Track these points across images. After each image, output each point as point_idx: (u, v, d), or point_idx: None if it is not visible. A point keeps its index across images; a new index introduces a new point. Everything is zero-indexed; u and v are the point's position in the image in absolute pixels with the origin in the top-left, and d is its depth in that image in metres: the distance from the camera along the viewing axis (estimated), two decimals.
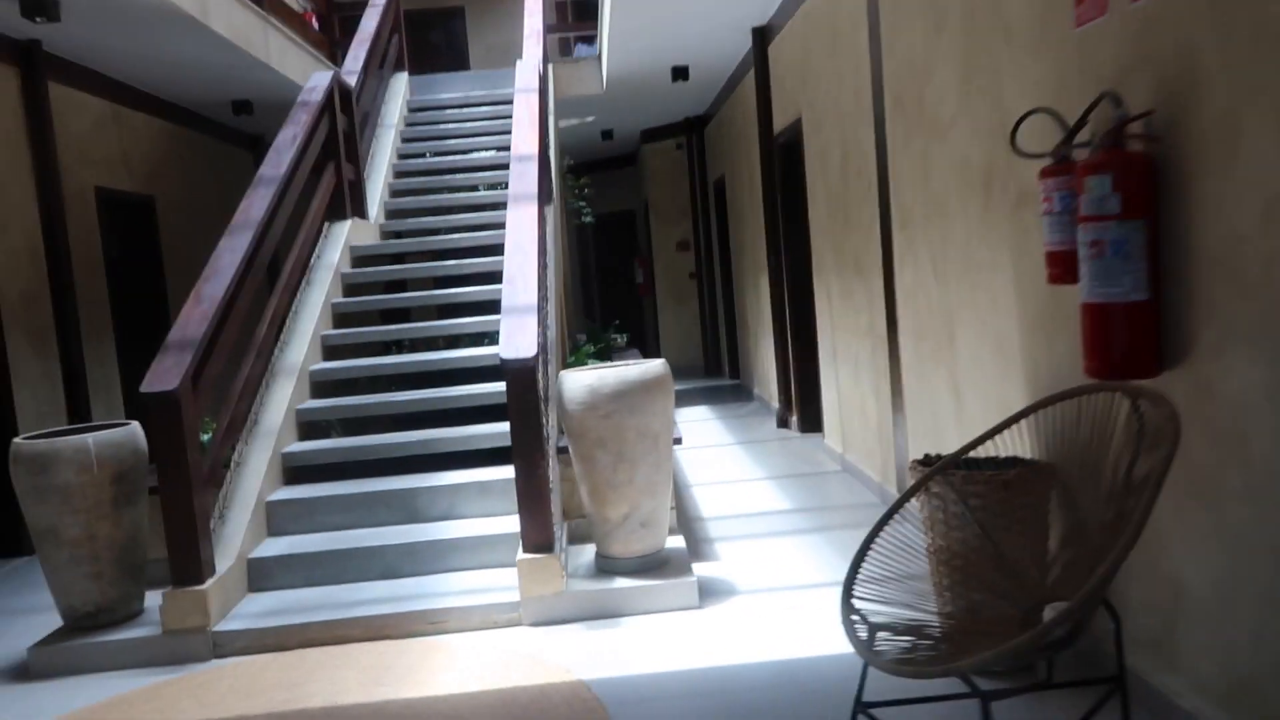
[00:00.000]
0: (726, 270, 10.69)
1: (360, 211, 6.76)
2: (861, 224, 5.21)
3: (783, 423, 7.73)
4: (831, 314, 6.09)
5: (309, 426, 5.10)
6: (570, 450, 4.03)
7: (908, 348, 4.57)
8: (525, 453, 3.78)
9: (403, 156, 8.17)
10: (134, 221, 7.62)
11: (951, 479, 2.87)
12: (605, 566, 4.02)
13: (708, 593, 3.99)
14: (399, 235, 7.16)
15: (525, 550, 3.83)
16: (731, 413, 8.96)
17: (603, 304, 15.22)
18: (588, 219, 8.86)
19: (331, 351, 5.64)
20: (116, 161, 7.28)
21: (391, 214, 7.40)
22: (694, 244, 11.99)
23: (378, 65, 8.06)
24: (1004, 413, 3.51)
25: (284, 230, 5.39)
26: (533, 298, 4.08)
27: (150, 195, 7.75)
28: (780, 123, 7.15)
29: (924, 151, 4.15)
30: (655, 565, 4.01)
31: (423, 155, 8.20)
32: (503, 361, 3.75)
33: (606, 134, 11.95)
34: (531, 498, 3.80)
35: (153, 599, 4.04)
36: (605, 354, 8.35)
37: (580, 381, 3.87)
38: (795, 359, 7.37)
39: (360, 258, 6.45)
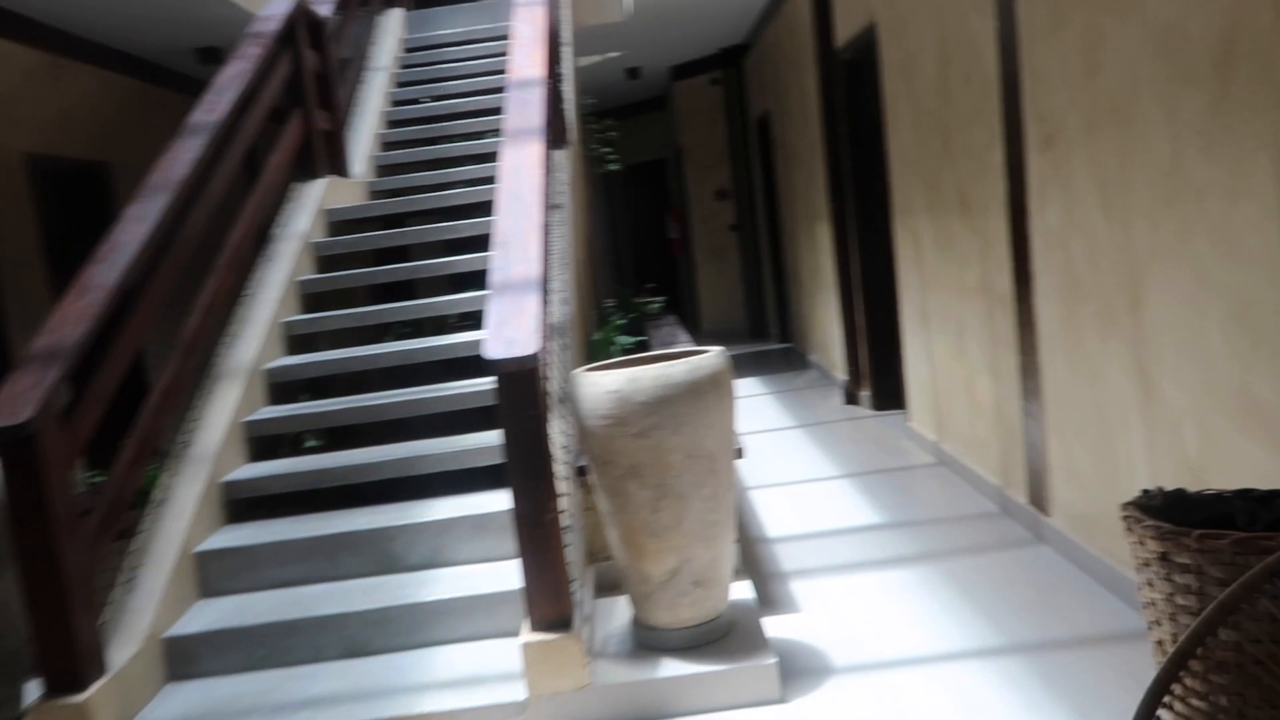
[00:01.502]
0: (773, 220, 9.41)
1: (339, 168, 5.59)
2: (971, 148, 3.95)
3: (850, 398, 6.51)
4: (921, 266, 4.84)
5: (265, 443, 3.99)
6: (593, 479, 2.88)
7: (1051, 312, 3.34)
8: (527, 492, 2.63)
9: (396, 103, 6.98)
10: (81, 193, 6.52)
11: None
12: (646, 640, 2.88)
13: (792, 672, 2.84)
14: (392, 194, 6.00)
15: (533, 627, 2.70)
16: (785, 384, 7.75)
17: (634, 265, 13.99)
18: (613, 166, 7.64)
19: (298, 343, 4.52)
20: (54, 123, 6.17)
21: (383, 170, 6.24)
22: (734, 192, 10.71)
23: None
24: (1238, 410, 2.29)
25: (227, 193, 4.25)
26: (534, 268, 2.90)
27: (101, 162, 6.65)
28: (845, 34, 5.85)
29: (1090, 31, 2.88)
30: (715, 636, 2.86)
31: (420, 101, 7.01)
32: (489, 362, 2.58)
33: (632, 73, 10.65)
34: (538, 555, 2.66)
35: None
36: (638, 325, 7.17)
37: (603, 386, 2.70)
38: (866, 322, 6.14)
39: (339, 223, 5.30)
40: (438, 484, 3.67)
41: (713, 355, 2.77)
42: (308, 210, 5.03)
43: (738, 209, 10.71)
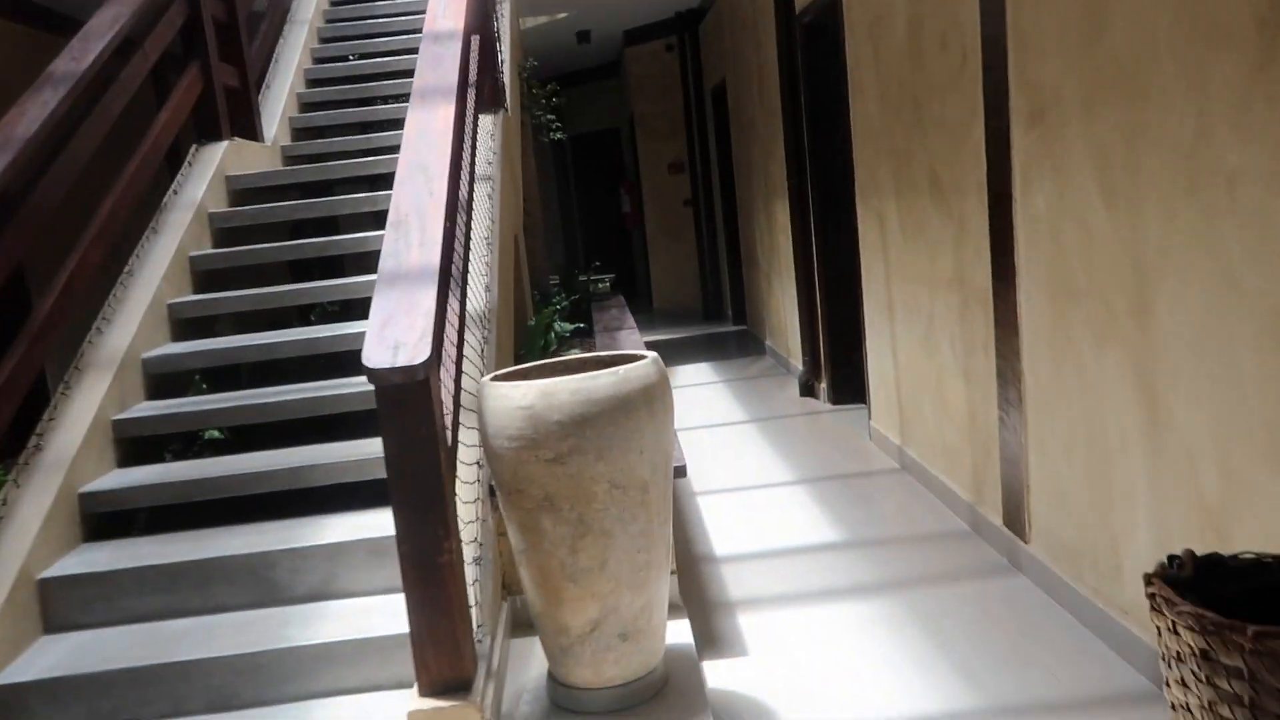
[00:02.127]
0: (729, 195, 8.96)
1: (247, 129, 5.03)
2: (946, 121, 3.51)
3: (807, 389, 6.11)
4: (886, 252, 4.42)
5: (141, 445, 3.47)
6: (501, 509, 2.41)
7: (1036, 312, 2.93)
8: (416, 528, 2.16)
9: (320, 61, 6.39)
10: None
11: None
12: (564, 701, 2.43)
13: None
14: (312, 160, 5.43)
15: (423, 691, 2.24)
16: (739, 371, 7.33)
17: (585, 240, 13.48)
18: (557, 135, 7.11)
19: (189, 328, 3.99)
20: None
21: (301, 133, 5.67)
22: (689, 165, 10.23)
23: None
24: (1270, 446, 1.89)
25: (100, 156, 3.70)
26: (433, 253, 2.41)
27: None
28: None
29: None
30: (645, 696, 2.42)
31: (347, 59, 6.42)
32: (369, 372, 2.10)
33: (583, 36, 10.09)
34: (430, 604, 2.19)
35: None
36: (581, 308, 6.69)
37: (512, 400, 2.24)
38: (826, 309, 5.72)
39: (244, 192, 4.74)
40: (340, 497, 3.19)
41: (645, 364, 2.32)
42: (205, 177, 4.47)
43: (693, 183, 10.23)
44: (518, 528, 2.34)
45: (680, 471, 2.87)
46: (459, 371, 2.69)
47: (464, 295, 2.97)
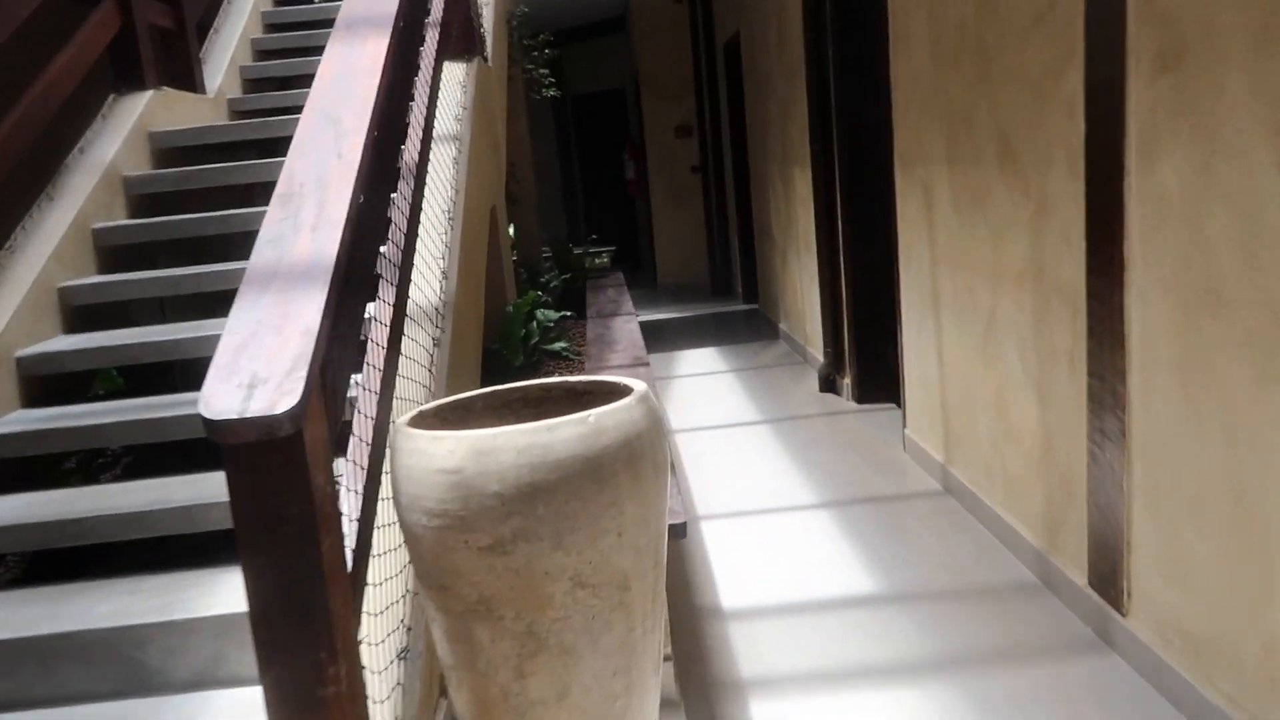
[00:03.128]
0: (741, 161, 8.19)
1: (180, 78, 4.29)
2: (1025, 72, 2.77)
3: (828, 384, 5.39)
4: (933, 232, 3.69)
5: (8, 467, 2.78)
6: (424, 604, 1.72)
7: (1158, 321, 2.20)
8: (282, 657, 1.46)
9: (281, 2, 5.65)
10: None
11: None
12: None
13: None
14: (263, 115, 4.69)
15: None
16: (749, 359, 6.62)
17: (587, 209, 12.71)
18: (550, 92, 6.35)
19: (86, 316, 3.28)
20: None
21: (253, 84, 4.94)
22: (698, 128, 9.44)
23: None
24: None
25: None
26: (327, 243, 1.69)
27: None
28: None
29: None
30: None
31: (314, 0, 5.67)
32: (206, 425, 1.39)
33: None
34: None
35: None
36: (577, 286, 5.97)
37: (433, 459, 1.53)
38: (852, 293, 4.99)
39: (172, 151, 4.02)
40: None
41: (628, 406, 1.61)
42: (121, 133, 3.75)
43: (702, 148, 9.46)
44: (444, 636, 1.64)
45: (679, 531, 2.18)
46: (385, 401, 1.98)
47: (401, 293, 2.25)
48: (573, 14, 10.96)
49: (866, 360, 5.00)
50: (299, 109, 4.45)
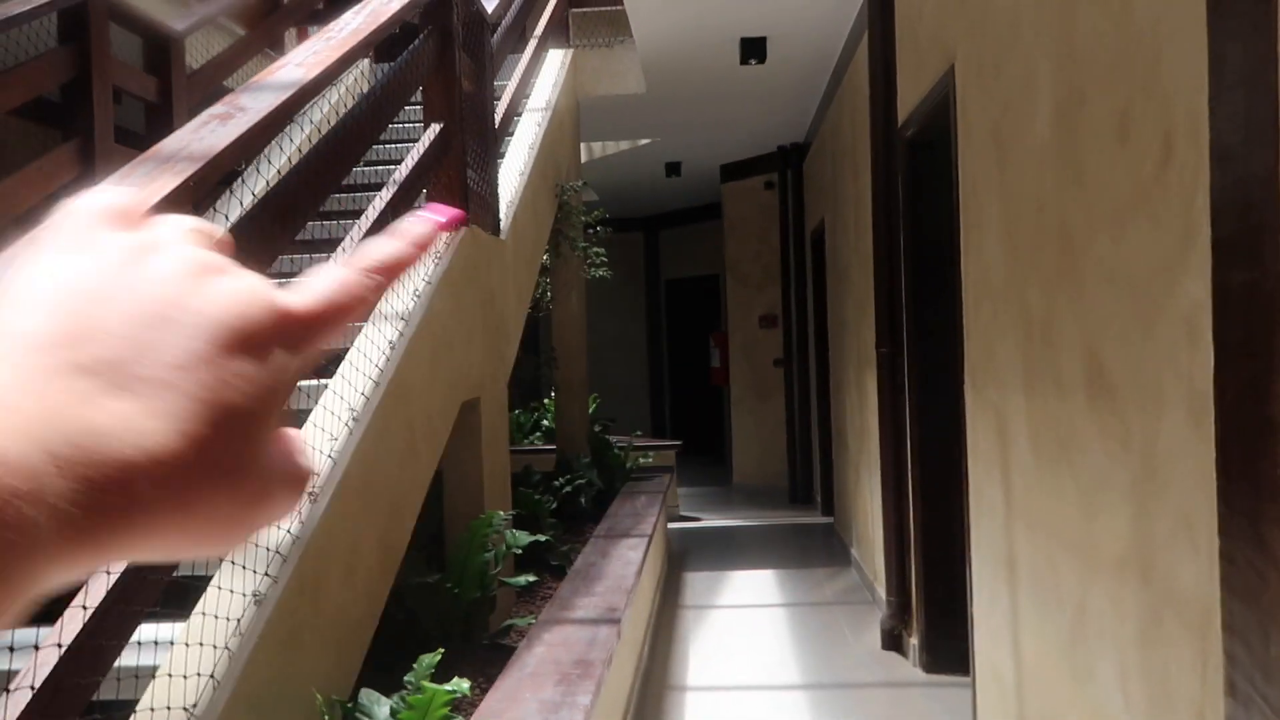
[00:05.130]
0: (825, 356, 7.40)
1: None
2: (1124, 267, 1.92)
3: (893, 640, 4.33)
4: (1007, 475, 2.76)
5: None
6: None
7: None
8: None
9: None
10: None
11: None
12: None
13: None
14: None
15: None
16: (812, 589, 5.59)
17: (674, 397, 12.04)
18: (599, 273, 5.76)
19: None
20: None
21: None
22: (783, 319, 8.74)
23: None
24: None
25: None
26: None
27: None
28: (910, 98, 3.93)
29: None
30: None
31: None
32: None
33: (672, 168, 8.93)
34: None
35: None
36: (609, 495, 5.13)
37: None
38: (921, 531, 4.02)
39: None
40: None
41: None
42: None
43: (786, 340, 8.71)
44: None
45: None
46: None
47: None
48: (671, 198, 10.67)
49: (936, 616, 3.96)
50: None
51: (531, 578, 3.31)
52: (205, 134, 1.75)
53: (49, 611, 1.49)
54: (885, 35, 4.20)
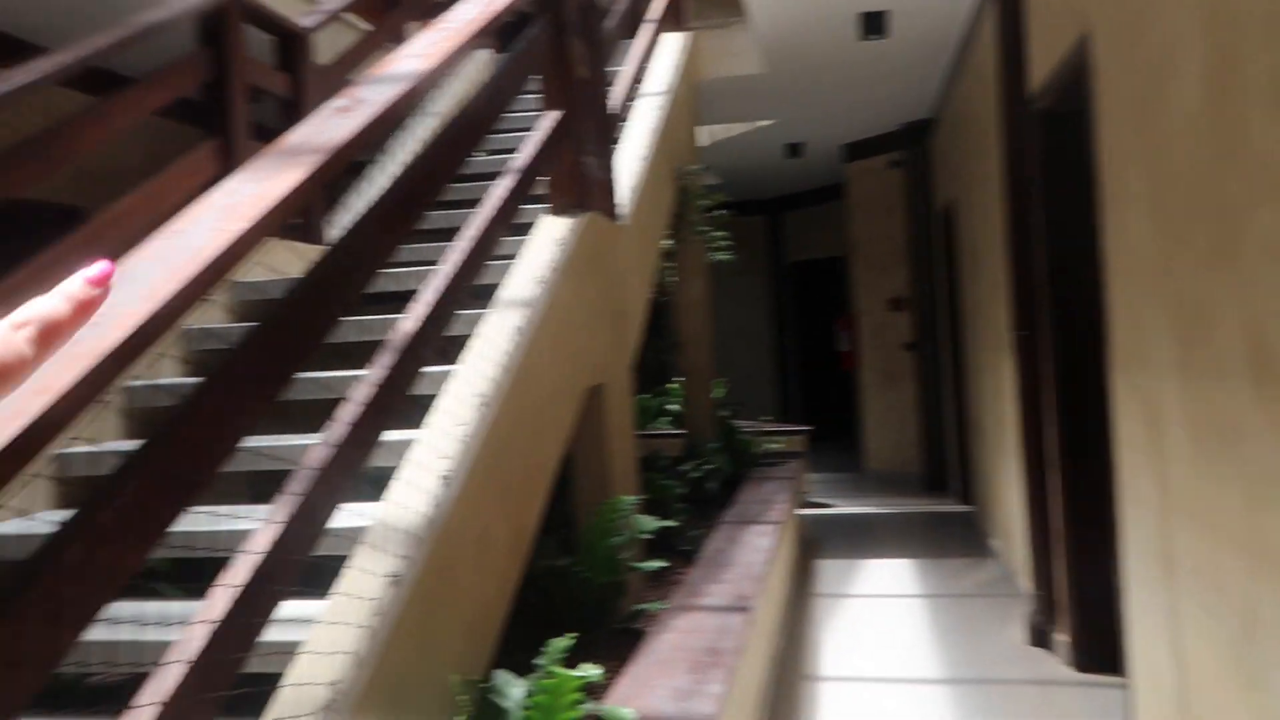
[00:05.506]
0: (958, 340, 7.15)
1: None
2: None
3: (1039, 638, 4.14)
4: (1163, 464, 2.60)
5: None
6: None
7: None
8: None
9: None
10: None
11: None
12: None
13: None
14: None
15: None
16: (950, 580, 5.42)
17: (802, 383, 11.88)
18: (721, 256, 5.72)
19: None
20: None
21: None
22: (913, 301, 8.49)
23: None
24: None
25: None
26: None
27: None
28: (1042, 68, 3.74)
29: None
30: None
31: None
32: None
33: (793, 149, 8.77)
34: None
35: None
36: (736, 480, 5.10)
37: None
38: (1066, 522, 3.83)
39: None
40: None
41: None
42: None
43: (917, 323, 8.46)
44: None
45: None
46: None
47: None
48: (791, 180, 10.51)
49: (1088, 614, 3.77)
50: None
51: (661, 563, 3.32)
52: (327, 126, 1.81)
53: (200, 590, 1.57)
54: (1013, 3, 4.00)
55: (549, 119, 3.31)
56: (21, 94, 2.73)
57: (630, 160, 4.42)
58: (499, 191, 2.89)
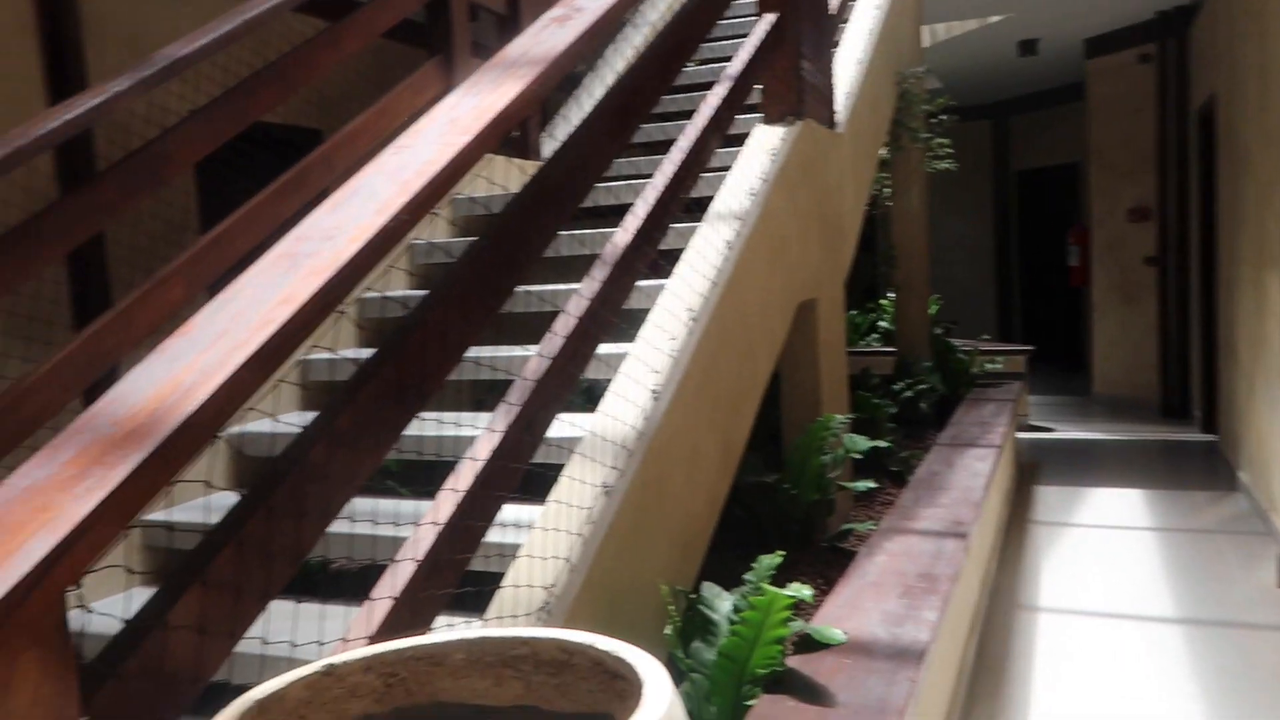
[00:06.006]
0: (1209, 255, 6.46)
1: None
2: None
3: None
4: None
5: None
6: None
7: None
8: None
9: None
10: None
11: None
12: None
13: None
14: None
15: None
16: (1189, 514, 5.01)
17: (1025, 299, 11.18)
18: (942, 165, 5.37)
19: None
20: None
21: None
22: (1158, 211, 7.73)
23: None
24: None
25: None
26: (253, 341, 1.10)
27: None
28: None
29: None
30: None
31: None
32: None
33: (1026, 46, 8.07)
34: None
35: None
36: (951, 401, 4.88)
37: None
38: None
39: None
40: None
41: None
42: None
43: (1160, 235, 7.71)
44: None
45: None
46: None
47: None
48: (1021, 81, 9.72)
49: None
50: None
51: (871, 484, 3.23)
52: (545, 37, 1.79)
53: (428, 491, 1.65)
54: None
55: (764, 23, 3.18)
56: (262, 21, 2.89)
57: (848, 64, 4.20)
58: (712, 100, 2.81)
